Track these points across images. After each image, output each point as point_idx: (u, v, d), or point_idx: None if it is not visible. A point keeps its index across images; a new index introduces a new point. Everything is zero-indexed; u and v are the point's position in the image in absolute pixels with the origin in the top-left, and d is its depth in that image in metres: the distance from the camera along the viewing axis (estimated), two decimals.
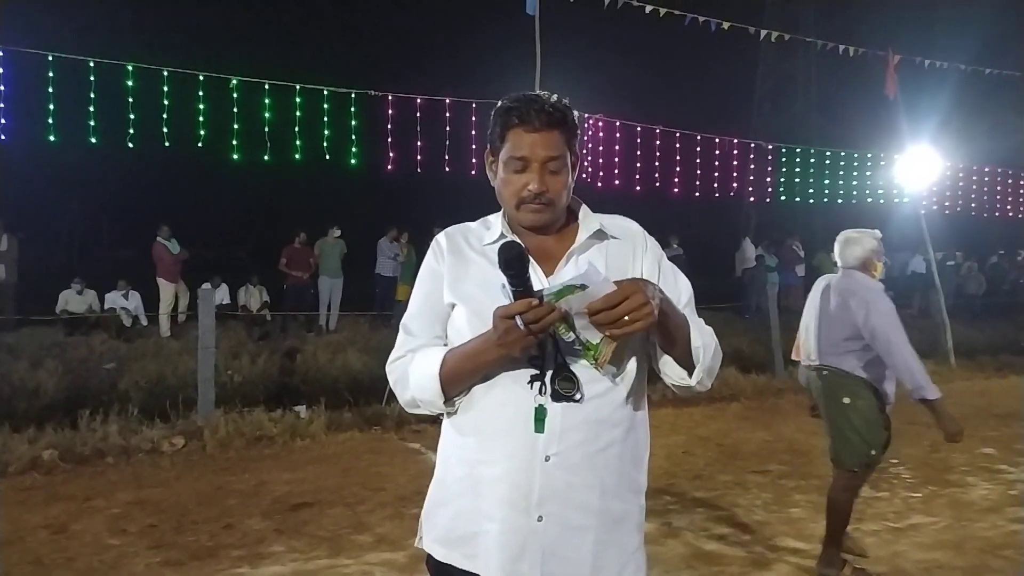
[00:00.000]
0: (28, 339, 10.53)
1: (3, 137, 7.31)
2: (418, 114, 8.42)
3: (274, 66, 8.75)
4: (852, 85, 16.01)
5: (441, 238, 1.65)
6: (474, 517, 1.53)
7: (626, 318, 1.33)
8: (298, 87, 8.07)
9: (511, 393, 1.50)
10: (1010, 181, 15.89)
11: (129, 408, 7.05)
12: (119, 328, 11.52)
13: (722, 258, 17.21)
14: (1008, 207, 16.09)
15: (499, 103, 1.58)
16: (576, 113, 1.63)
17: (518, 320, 1.36)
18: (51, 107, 7.30)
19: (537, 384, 1.48)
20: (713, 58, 20.05)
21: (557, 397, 1.47)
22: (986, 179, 15.36)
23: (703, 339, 1.54)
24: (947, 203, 14.95)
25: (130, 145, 7.64)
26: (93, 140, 7.59)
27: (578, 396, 1.48)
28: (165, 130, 7.79)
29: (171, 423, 6.87)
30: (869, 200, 14.81)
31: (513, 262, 1.39)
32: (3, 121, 7.26)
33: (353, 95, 8.20)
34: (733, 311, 14.39)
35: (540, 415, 1.48)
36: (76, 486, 5.34)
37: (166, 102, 7.65)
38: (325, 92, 8.10)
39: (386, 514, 4.78)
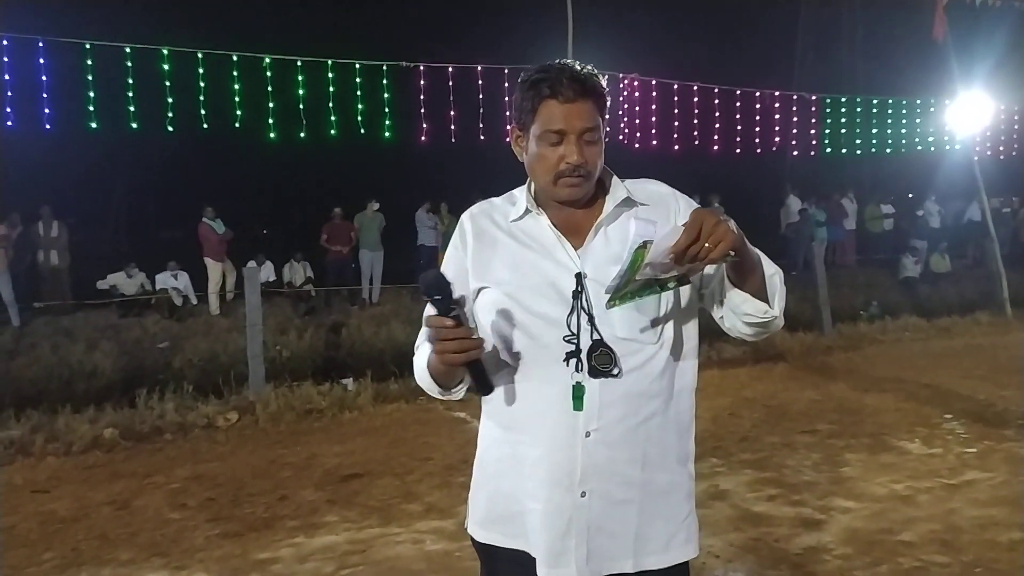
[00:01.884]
0: (83, 322, 10.87)
1: (48, 127, 7.50)
2: (450, 83, 8.37)
3: (305, 43, 8.77)
4: (899, 29, 15.39)
5: (466, 221, 1.63)
6: (517, 497, 1.53)
7: (707, 245, 1.31)
8: (330, 62, 8.08)
9: (548, 372, 1.49)
10: None
11: (184, 386, 7.25)
12: (170, 308, 11.82)
13: (766, 215, 16.87)
14: None
15: (524, 76, 1.53)
16: (606, 76, 1.59)
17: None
18: (90, 94, 7.44)
19: (574, 361, 1.47)
20: (752, 9, 19.47)
21: (595, 373, 1.46)
22: None
23: (775, 267, 1.54)
24: (1001, 148, 14.36)
25: (169, 129, 7.76)
26: (134, 125, 7.74)
27: (616, 371, 1.46)
28: (202, 112, 7.89)
29: (224, 399, 7.05)
30: (919, 148, 14.31)
31: (432, 288, 1.40)
32: (47, 111, 7.44)
33: (385, 68, 8.18)
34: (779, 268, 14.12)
35: (579, 392, 1.46)
36: (137, 463, 5.54)
37: (202, 84, 7.75)
38: (357, 66, 8.10)
39: (434, 483, 4.86)
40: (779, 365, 8.19)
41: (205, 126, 7.91)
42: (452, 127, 8.63)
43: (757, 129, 11.54)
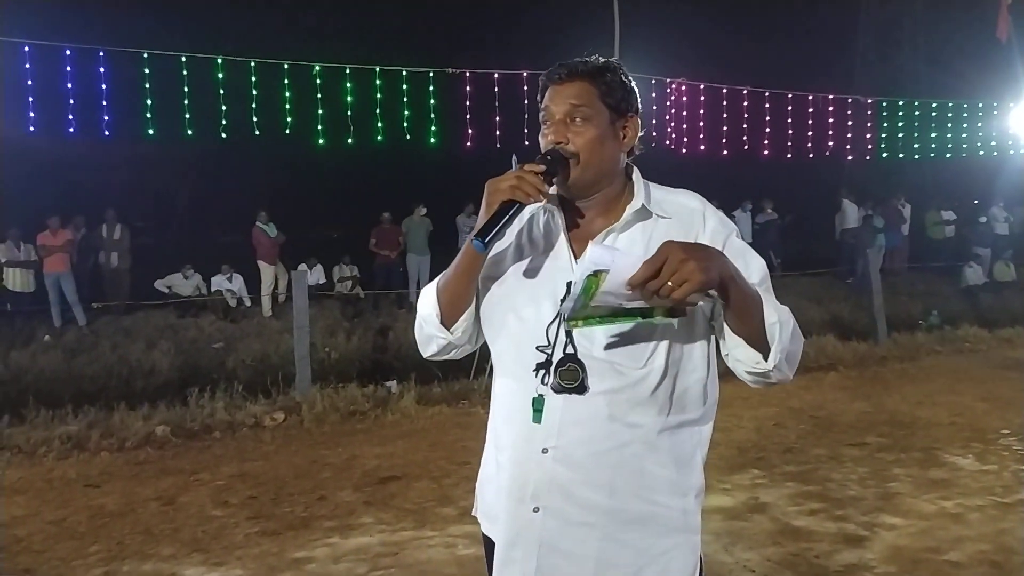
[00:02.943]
0: (143, 322, 11.25)
1: (107, 133, 7.80)
2: (496, 89, 8.41)
3: (353, 50, 8.93)
4: (961, 29, 14.90)
5: None
6: (496, 500, 1.54)
7: (669, 283, 1.20)
8: (377, 70, 8.20)
9: (517, 380, 1.47)
10: None
11: (234, 385, 7.43)
12: (225, 309, 12.14)
13: (819, 221, 16.48)
14: None
15: None
16: (652, 80, 1.56)
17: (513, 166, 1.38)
18: (148, 102, 7.71)
19: (542, 372, 1.43)
20: (807, 10, 19.06)
21: (558, 389, 1.41)
22: None
23: (779, 315, 1.38)
24: None
25: (223, 136, 7.98)
26: (189, 132, 7.99)
27: (581, 389, 1.40)
28: (255, 119, 8.10)
29: (272, 399, 7.19)
30: (981, 153, 13.82)
31: (548, 155, 1.42)
32: (106, 118, 7.74)
33: (431, 74, 8.27)
34: (833, 275, 13.81)
35: (538, 405, 1.42)
36: (185, 460, 5.69)
37: (254, 92, 7.95)
38: (404, 73, 8.21)
39: (469, 488, 4.80)
40: (830, 375, 7.98)
41: (257, 132, 8.11)
42: (497, 133, 8.67)
43: (810, 133, 11.30)
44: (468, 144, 8.74)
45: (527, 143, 8.96)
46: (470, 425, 6.60)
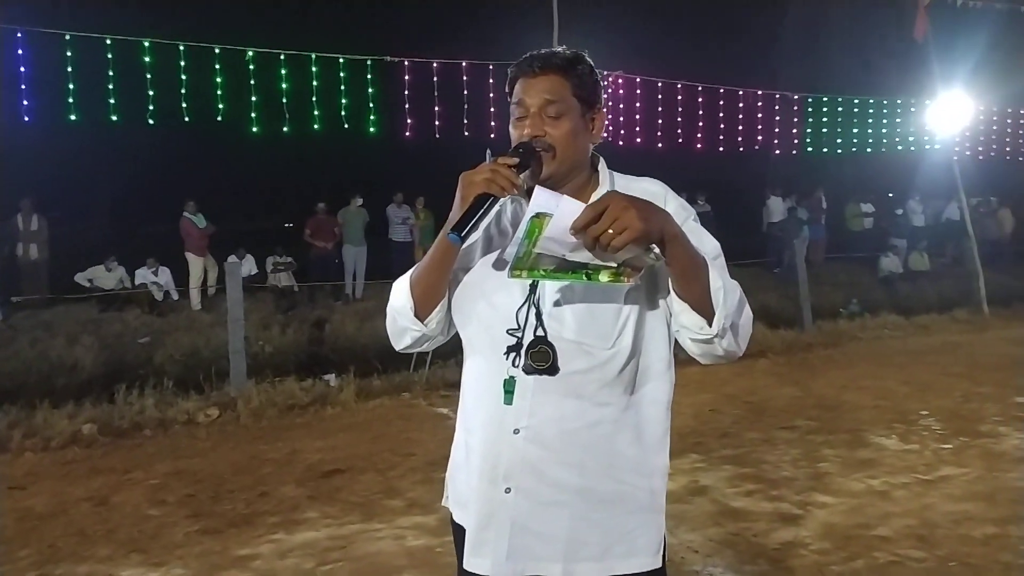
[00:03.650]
0: (63, 316, 10.76)
1: (27, 118, 7.41)
2: (435, 79, 8.35)
3: (289, 36, 8.71)
4: (881, 29, 15.55)
5: None
6: (468, 485, 1.55)
7: (610, 231, 1.23)
8: (314, 56, 8.03)
9: (488, 363, 1.49)
10: None
11: (164, 381, 7.19)
12: (151, 303, 11.73)
13: (749, 213, 16.97)
14: None
15: None
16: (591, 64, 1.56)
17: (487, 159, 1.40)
18: (70, 86, 7.36)
19: (513, 355, 1.45)
20: (736, 8, 19.54)
21: (529, 370, 1.43)
22: (1021, 122, 14.90)
23: (725, 283, 1.40)
24: (980, 148, 14.54)
25: (150, 122, 7.69)
26: (114, 118, 7.66)
27: (552, 370, 1.42)
28: (184, 105, 7.83)
29: (205, 395, 7.01)
30: (899, 148, 14.46)
31: (520, 147, 1.43)
32: (26, 102, 7.35)
33: (369, 62, 8.15)
34: (761, 266, 14.25)
35: (509, 387, 1.45)
36: (116, 459, 5.49)
37: (183, 77, 7.67)
38: (341, 60, 8.06)
39: (416, 479, 4.86)
40: (760, 361, 8.25)
41: (187, 119, 7.84)
42: (437, 123, 8.61)
43: (740, 128, 11.61)
44: (407, 134, 8.67)
45: (466, 134, 8.97)
46: (413, 417, 6.58)
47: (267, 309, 11.44)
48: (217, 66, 7.76)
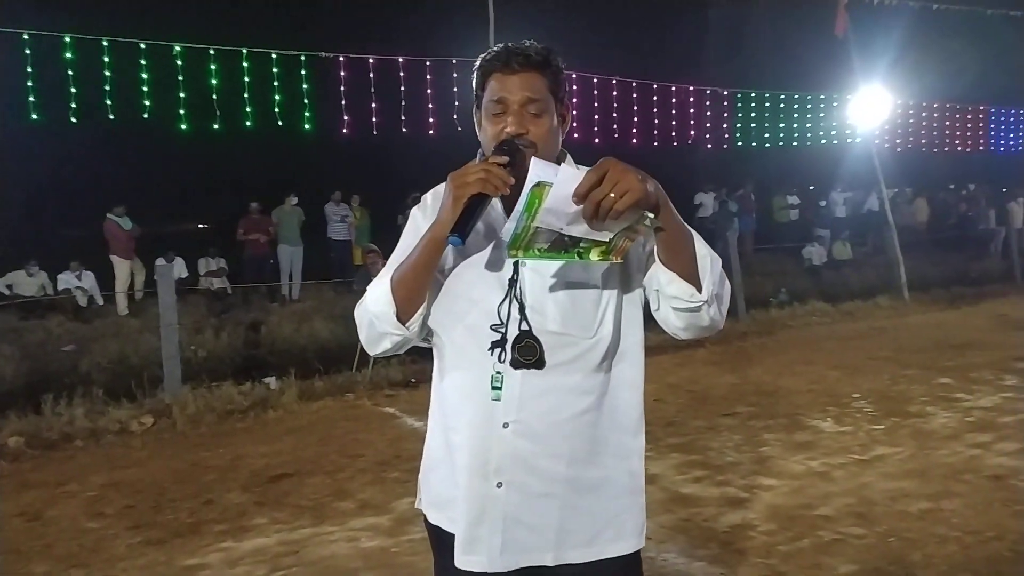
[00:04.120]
0: None
1: None
2: (371, 75, 8.23)
3: (219, 30, 8.43)
4: (803, 26, 16.08)
5: (428, 195, 1.61)
6: (451, 483, 1.54)
7: (612, 195, 1.23)
8: (245, 51, 7.81)
9: (475, 359, 1.48)
10: (957, 116, 16.23)
11: (93, 390, 6.94)
12: (75, 309, 11.25)
13: (682, 208, 17.25)
14: (956, 142, 16.45)
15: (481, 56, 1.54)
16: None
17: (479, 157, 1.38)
18: None
19: (498, 351, 1.45)
20: (665, 4, 19.88)
21: (517, 364, 1.44)
22: (935, 115, 15.65)
23: (709, 251, 1.43)
24: (898, 140, 15.21)
25: (73, 120, 7.35)
26: (34, 116, 7.30)
27: (539, 364, 1.44)
28: (108, 103, 7.50)
29: (138, 403, 6.79)
30: (823, 142, 14.99)
31: (505, 146, 1.41)
32: None
33: (303, 58, 7.98)
34: None
35: (496, 382, 1.45)
36: (47, 472, 5.26)
37: (107, 73, 7.35)
38: (274, 56, 7.86)
39: (367, 480, 4.80)
40: (699, 351, 8.45)
41: (111, 117, 7.52)
42: (374, 120, 8.50)
43: (674, 123, 11.84)
44: (344, 131, 8.52)
45: (404, 131, 8.88)
46: (358, 417, 6.50)
47: (199, 313, 11.11)
48: (143, 61, 7.46)
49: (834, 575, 3.30)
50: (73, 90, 7.26)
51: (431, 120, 8.17)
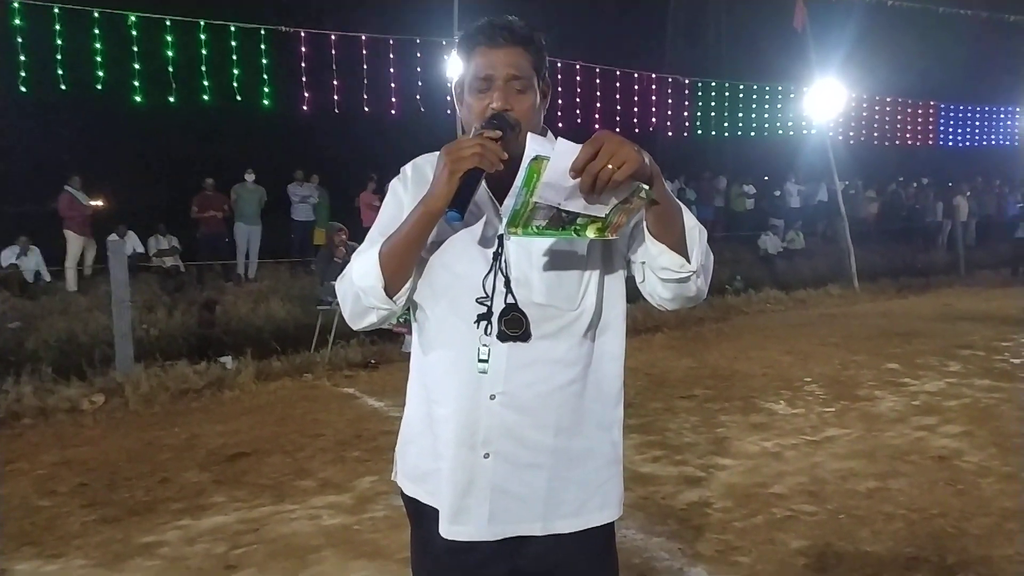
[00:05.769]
0: None
1: None
2: (333, 52, 8.09)
3: (175, 1, 8.19)
4: (764, 18, 16.33)
5: (408, 168, 1.59)
6: (432, 455, 1.54)
7: (609, 166, 1.23)
8: (202, 23, 7.61)
9: (460, 332, 1.48)
10: (908, 111, 16.66)
11: (42, 368, 6.76)
12: (21, 285, 10.89)
13: None
14: (907, 136, 16.90)
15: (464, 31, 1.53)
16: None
17: (474, 132, 1.37)
18: None
19: (484, 323, 1.45)
20: None
21: (503, 337, 1.44)
22: (887, 109, 16.05)
23: (696, 222, 1.45)
24: (851, 133, 15.56)
25: (22, 89, 7.08)
26: None
27: (525, 336, 1.45)
28: (60, 72, 7.25)
29: (88, 381, 6.65)
30: (780, 132, 15.26)
31: (497, 119, 1.40)
32: None
33: (263, 32, 7.80)
34: None
35: (483, 355, 1.46)
36: None
37: (59, 42, 7.09)
38: (232, 28, 7.67)
39: (327, 459, 4.78)
40: (657, 335, 8.58)
41: (63, 87, 7.27)
42: (335, 97, 8.37)
43: (636, 109, 11.92)
44: (304, 108, 8.38)
45: (367, 109, 8.78)
46: (317, 398, 6.45)
47: (151, 290, 10.87)
48: (96, 31, 7.21)
49: (787, 550, 3.40)
50: (23, 58, 7.00)
51: (394, 100, 8.11)
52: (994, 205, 19.22)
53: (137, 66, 7.52)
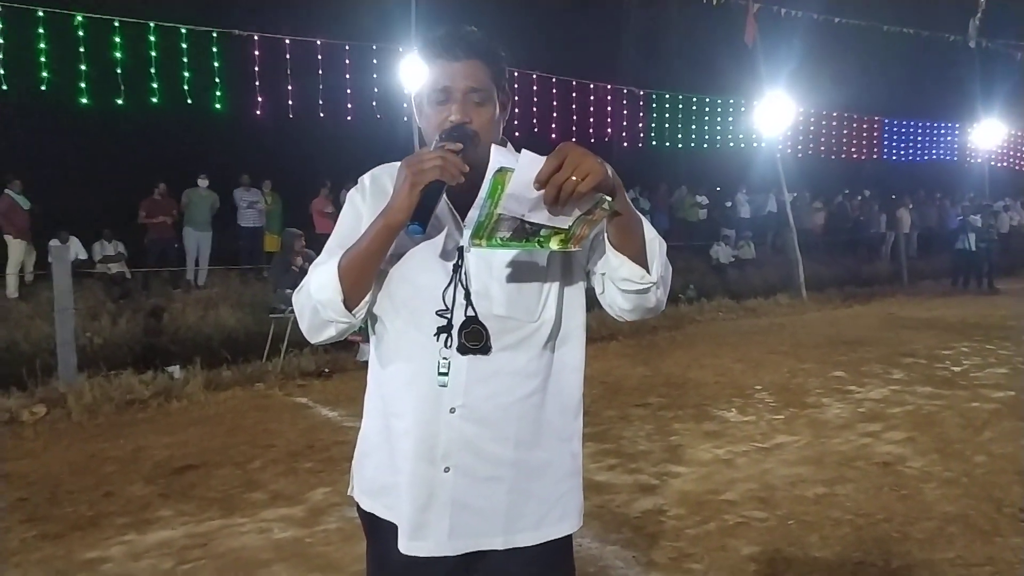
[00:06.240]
0: None
1: None
2: (287, 56, 7.99)
3: (124, 1, 7.99)
4: (715, 32, 16.65)
5: (366, 178, 1.57)
6: (390, 469, 1.52)
7: (573, 178, 1.23)
8: (152, 25, 7.44)
9: (419, 345, 1.47)
10: (853, 125, 17.16)
11: None
12: None
13: None
14: (852, 150, 17.39)
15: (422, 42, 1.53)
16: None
17: (435, 144, 1.36)
18: None
19: (444, 336, 1.44)
20: (584, 3, 20.14)
21: (463, 350, 1.43)
22: (833, 124, 16.50)
23: (656, 234, 1.46)
24: (799, 147, 15.95)
25: None
26: None
27: (486, 349, 1.44)
28: (1, 72, 7.01)
29: (29, 391, 6.46)
30: (731, 145, 15.56)
31: (455, 132, 1.39)
32: None
33: (215, 34, 7.66)
34: None
35: (443, 368, 1.45)
36: None
37: (1, 41, 6.87)
38: (183, 31, 7.52)
39: (279, 471, 4.70)
40: (612, 344, 8.65)
41: (4, 87, 7.03)
42: (290, 103, 8.26)
43: (591, 120, 12.04)
44: (258, 113, 8.25)
45: (322, 115, 8.69)
46: (269, 408, 6.34)
47: (95, 297, 10.57)
48: (41, 31, 7.00)
49: (738, 556, 3.45)
50: None
51: (349, 106, 8.03)
52: (935, 217, 19.85)
53: (84, 67, 7.32)
